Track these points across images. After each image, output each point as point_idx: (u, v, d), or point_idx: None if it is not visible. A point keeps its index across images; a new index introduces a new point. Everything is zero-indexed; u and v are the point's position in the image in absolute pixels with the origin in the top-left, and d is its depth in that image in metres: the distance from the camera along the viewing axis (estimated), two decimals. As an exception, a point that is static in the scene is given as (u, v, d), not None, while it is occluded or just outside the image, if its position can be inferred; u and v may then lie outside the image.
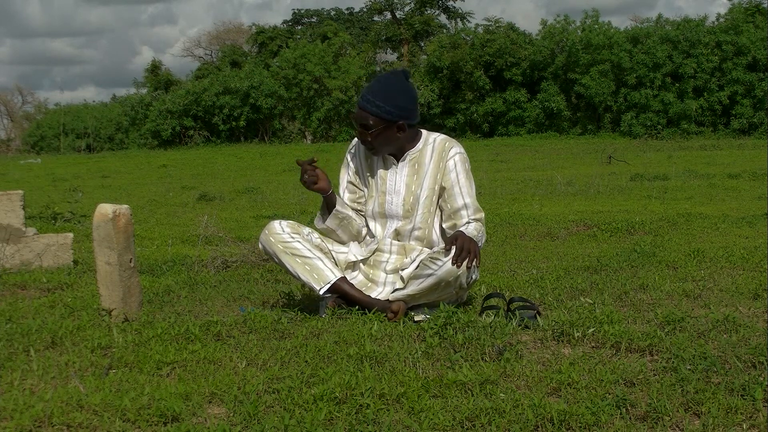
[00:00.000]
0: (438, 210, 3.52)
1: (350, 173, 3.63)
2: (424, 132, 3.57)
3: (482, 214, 3.49)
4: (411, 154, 3.51)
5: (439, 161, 3.49)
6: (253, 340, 2.97)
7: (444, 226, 3.52)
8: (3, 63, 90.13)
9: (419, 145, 3.52)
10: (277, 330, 3.12)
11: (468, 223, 3.44)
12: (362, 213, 3.61)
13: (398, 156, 3.52)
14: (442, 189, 3.49)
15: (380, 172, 3.55)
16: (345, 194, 3.62)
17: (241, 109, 34.12)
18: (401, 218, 3.50)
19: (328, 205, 3.52)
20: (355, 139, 3.63)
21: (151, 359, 2.70)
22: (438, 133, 3.59)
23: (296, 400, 2.27)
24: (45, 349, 2.91)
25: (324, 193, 3.48)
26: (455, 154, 3.49)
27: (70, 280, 4.47)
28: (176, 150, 31.90)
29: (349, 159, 3.64)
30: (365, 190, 3.60)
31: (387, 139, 3.41)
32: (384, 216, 3.53)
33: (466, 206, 3.46)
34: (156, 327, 3.09)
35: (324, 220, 3.54)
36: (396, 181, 3.51)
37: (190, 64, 69.61)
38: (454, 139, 3.57)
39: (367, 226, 3.59)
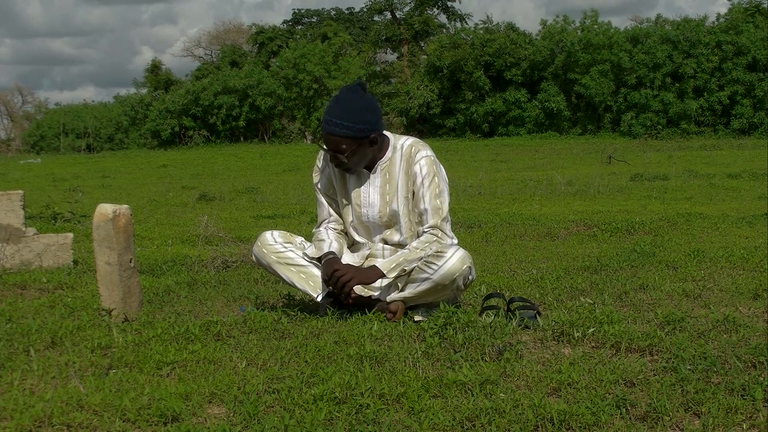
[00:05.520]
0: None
1: (323, 188, 3.54)
2: (391, 137, 3.48)
3: (438, 219, 3.37)
4: (381, 164, 3.44)
5: (407, 168, 3.42)
6: (253, 340, 2.97)
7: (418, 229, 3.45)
8: (3, 63, 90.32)
9: (388, 153, 3.44)
10: (277, 330, 3.12)
11: (424, 232, 3.38)
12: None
13: (370, 166, 3.45)
14: (414, 194, 3.42)
15: (353, 182, 3.47)
16: (331, 209, 3.55)
17: (240, 109, 34.12)
18: (383, 227, 3.46)
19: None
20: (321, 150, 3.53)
21: (151, 359, 2.70)
22: (405, 137, 3.51)
23: (296, 400, 2.27)
24: (45, 349, 2.91)
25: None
26: (421, 158, 3.40)
27: (70, 280, 4.47)
28: (176, 150, 31.92)
29: (319, 172, 3.53)
30: (340, 199, 3.51)
31: (362, 155, 3.34)
32: (366, 226, 3.49)
33: (426, 211, 3.38)
34: (156, 327, 3.09)
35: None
36: (369, 193, 3.44)
37: (190, 64, 69.70)
38: (421, 141, 3.49)
39: (352, 234, 3.52)
